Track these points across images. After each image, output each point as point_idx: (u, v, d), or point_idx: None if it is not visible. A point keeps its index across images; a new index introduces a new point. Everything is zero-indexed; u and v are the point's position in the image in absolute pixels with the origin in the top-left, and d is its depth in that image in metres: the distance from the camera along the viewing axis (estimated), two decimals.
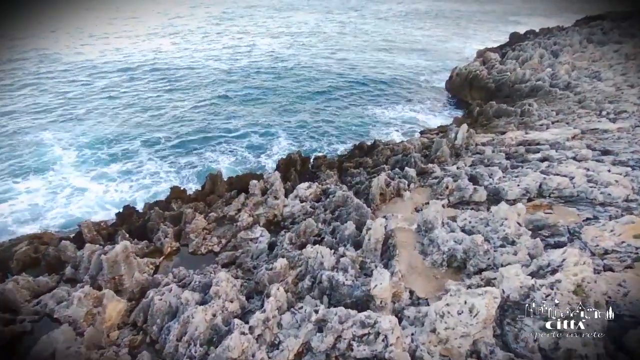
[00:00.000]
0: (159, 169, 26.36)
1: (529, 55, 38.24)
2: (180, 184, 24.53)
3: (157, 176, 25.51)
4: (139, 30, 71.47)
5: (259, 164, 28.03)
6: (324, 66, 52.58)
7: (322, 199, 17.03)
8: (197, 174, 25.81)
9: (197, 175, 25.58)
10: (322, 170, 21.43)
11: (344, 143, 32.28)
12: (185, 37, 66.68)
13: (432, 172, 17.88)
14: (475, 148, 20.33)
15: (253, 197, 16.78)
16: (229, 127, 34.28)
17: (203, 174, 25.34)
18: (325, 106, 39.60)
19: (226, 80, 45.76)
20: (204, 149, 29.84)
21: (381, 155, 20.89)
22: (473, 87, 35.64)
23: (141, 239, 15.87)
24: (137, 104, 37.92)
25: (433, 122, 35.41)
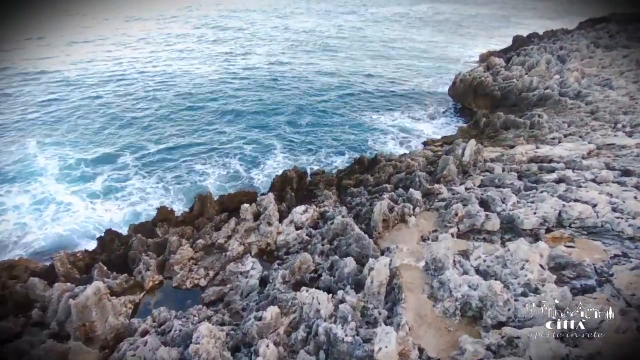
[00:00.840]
0: (146, 184, 25.12)
1: (535, 61, 37.13)
2: (168, 201, 23.38)
3: (144, 192, 24.26)
4: (129, 36, 70.28)
5: (252, 179, 26.79)
6: (321, 70, 51.45)
7: (320, 224, 15.83)
8: (185, 190, 24.57)
9: (185, 192, 24.35)
10: (320, 188, 20.23)
11: (342, 154, 31.18)
12: (176, 43, 65.42)
13: (439, 194, 16.68)
14: (484, 165, 19.15)
15: (244, 222, 15.57)
16: (222, 137, 33.06)
17: (192, 191, 24.19)
18: (322, 113, 38.45)
19: (219, 86, 44.56)
20: (194, 161, 28.59)
21: (383, 172, 19.69)
22: (477, 94, 34.51)
23: (122, 269, 14.66)
24: (125, 113, 36.65)
25: (435, 130, 34.28)
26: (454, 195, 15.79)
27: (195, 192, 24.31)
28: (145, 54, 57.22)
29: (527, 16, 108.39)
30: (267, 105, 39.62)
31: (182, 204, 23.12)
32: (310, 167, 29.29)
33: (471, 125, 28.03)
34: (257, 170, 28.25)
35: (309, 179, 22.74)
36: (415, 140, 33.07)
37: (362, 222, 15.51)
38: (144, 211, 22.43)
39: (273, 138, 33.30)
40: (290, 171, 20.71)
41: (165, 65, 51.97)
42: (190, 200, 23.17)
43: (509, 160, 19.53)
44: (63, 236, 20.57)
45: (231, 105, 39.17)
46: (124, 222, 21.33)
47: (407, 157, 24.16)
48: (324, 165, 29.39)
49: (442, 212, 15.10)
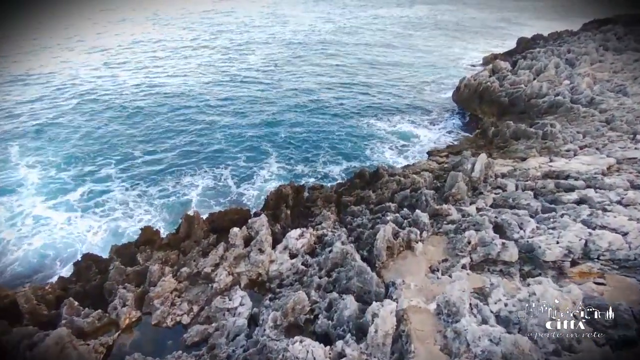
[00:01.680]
0: (129, 197, 23.79)
1: (543, 65, 35.88)
2: (152, 217, 22.06)
3: (127, 206, 22.92)
4: (118, 37, 69.04)
5: (244, 193, 25.42)
6: (317, 74, 50.15)
7: (318, 250, 14.48)
8: (170, 206, 23.26)
9: (170, 208, 23.04)
10: (317, 205, 18.91)
11: (339, 164, 29.94)
12: (169, 46, 64.10)
13: (447, 215, 15.35)
14: (496, 181, 17.84)
15: (234, 248, 14.22)
16: (213, 145, 31.77)
17: (178, 206, 23.01)
18: (318, 118, 37.17)
19: (212, 91, 43.24)
20: (182, 172, 27.31)
21: (386, 189, 18.37)
22: (483, 100, 33.25)
23: (97, 302, 13.34)
24: (112, 120, 35.34)
25: (438, 137, 32.96)
26: (464, 218, 14.47)
27: (182, 208, 23.15)
28: (136, 57, 55.84)
29: (528, 17, 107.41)
30: (262, 110, 38.32)
31: (167, 221, 21.83)
32: (306, 177, 28.11)
33: (478, 134, 26.73)
34: (249, 183, 26.95)
35: (306, 193, 21.46)
36: (415, 147, 31.83)
37: (363, 247, 14.19)
38: (126, 229, 21.13)
39: (267, 145, 32.04)
40: (285, 187, 19.39)
41: (157, 69, 50.65)
42: (176, 216, 21.97)
43: (522, 176, 18.21)
44: (39, 257, 19.24)
45: (224, 112, 37.88)
46: (105, 241, 20.02)
47: (411, 169, 22.89)
48: (321, 177, 28.22)
49: (451, 236, 13.79)
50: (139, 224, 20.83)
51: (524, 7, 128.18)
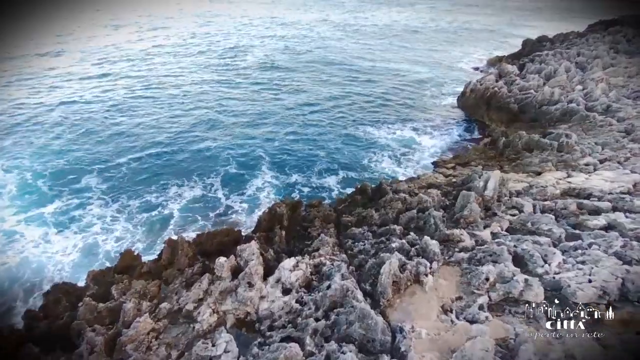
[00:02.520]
0: (108, 211, 22.33)
1: (553, 69, 34.55)
2: (132, 236, 20.56)
3: (105, 222, 21.43)
4: (107, 34, 67.71)
5: (234, 207, 23.97)
6: (314, 76, 48.77)
7: (314, 283, 13.01)
8: (153, 222, 21.85)
9: (152, 224, 21.63)
10: (315, 225, 17.46)
11: (336, 174, 28.61)
12: (163, 45, 62.78)
13: (459, 241, 13.89)
14: (510, 200, 16.39)
15: (220, 282, 12.75)
16: (204, 151, 30.45)
17: (161, 222, 21.56)
18: (314, 124, 35.85)
19: (203, 93, 41.85)
20: (168, 182, 25.96)
21: (390, 208, 16.91)
22: (491, 106, 31.87)
23: (65, 345, 11.87)
24: (99, 123, 33.92)
25: (442, 145, 31.59)
26: (479, 247, 13.02)
27: (165, 223, 21.74)
28: (126, 59, 54.41)
29: (530, 18, 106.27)
30: (255, 115, 37.00)
31: (149, 238, 20.40)
32: (301, 187, 26.77)
33: (488, 144, 25.28)
34: (240, 194, 25.59)
35: (303, 209, 20.04)
36: (416, 156, 30.51)
37: (366, 279, 12.71)
38: (104, 248, 19.63)
39: (261, 152, 30.68)
40: (280, 205, 17.95)
41: (149, 69, 49.27)
42: (158, 232, 20.75)
43: (540, 194, 16.77)
44: (6, 283, 17.70)
45: (216, 117, 36.42)
46: (79, 263, 18.52)
47: (416, 183, 21.48)
48: (317, 187, 26.90)
49: (465, 268, 12.34)
50: (118, 244, 19.43)
51: (522, 7, 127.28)
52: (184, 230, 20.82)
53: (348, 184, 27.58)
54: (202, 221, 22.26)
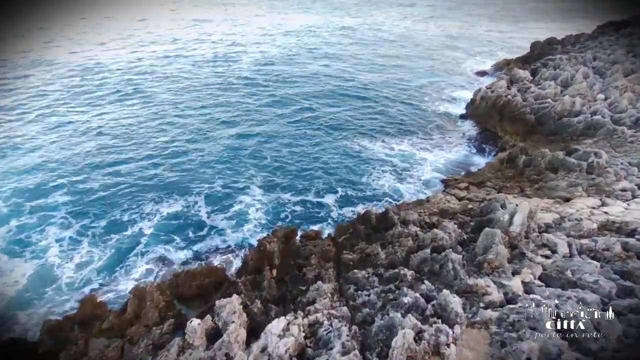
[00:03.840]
0: (69, 232, 20.02)
1: (570, 75, 32.37)
2: (94, 264, 18.24)
3: (65, 247, 19.05)
4: (104, 36, 65.51)
5: (221, 232, 21.65)
6: (308, 83, 46.36)
7: (309, 351, 10.70)
8: (119, 247, 19.52)
9: (118, 251, 19.27)
10: (311, 264, 15.16)
11: (334, 192, 26.44)
12: (156, 45, 60.59)
13: (485, 294, 11.62)
14: (540, 237, 14.14)
15: (192, 351, 10.42)
16: (188, 164, 28.33)
17: (129, 246, 19.31)
18: (309, 135, 33.65)
19: (189, 98, 39.58)
20: (144, 199, 23.89)
21: (399, 246, 14.63)
22: (504, 116, 29.66)
23: None
24: (74, 133, 31.69)
25: (448, 158, 29.34)
26: (512, 307, 10.73)
27: (134, 249, 19.41)
28: (119, 56, 52.09)
29: (532, 19, 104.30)
30: (246, 125, 34.76)
31: (114, 265, 18.12)
32: (295, 208, 24.47)
33: (504, 160, 23.00)
34: (225, 214, 23.22)
35: (298, 239, 17.81)
36: (421, 170, 28.24)
37: (373, 347, 10.43)
38: (60, 280, 17.25)
39: (250, 167, 28.46)
40: (270, 240, 15.65)
41: (139, 70, 46.95)
42: (123, 253, 18.31)
43: (574, 229, 14.51)
44: None
45: (202, 126, 34.13)
46: (29, 298, 16.12)
47: (427, 209, 19.22)
48: (313, 208, 24.62)
49: (495, 333, 10.07)
50: (78, 274, 17.16)
51: (523, 7, 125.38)
52: (156, 260, 18.50)
53: (347, 203, 25.39)
54: (178, 243, 19.97)
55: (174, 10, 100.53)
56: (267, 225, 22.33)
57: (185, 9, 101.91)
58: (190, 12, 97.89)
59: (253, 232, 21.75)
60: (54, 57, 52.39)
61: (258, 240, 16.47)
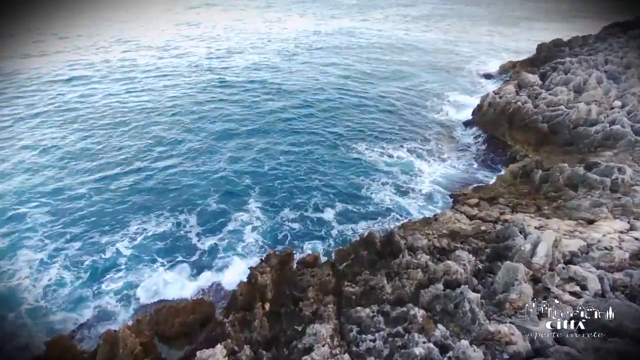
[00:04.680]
0: (40, 254, 18.50)
1: (582, 80, 30.92)
2: (66, 288, 16.76)
3: (34, 270, 17.56)
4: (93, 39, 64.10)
5: (211, 259, 20.06)
6: (305, 89, 44.75)
7: None
8: (93, 271, 18.06)
9: (92, 275, 17.74)
10: (308, 297, 13.65)
11: (333, 206, 25.05)
12: (142, 50, 59.06)
13: (509, 342, 10.11)
14: (567, 269, 12.62)
15: None
16: (180, 176, 26.93)
17: (106, 270, 17.91)
18: (308, 144, 32.18)
19: (180, 105, 38.07)
20: (131, 216, 22.41)
21: (407, 278, 13.11)
22: (514, 124, 28.17)
23: None
24: (59, 142, 30.33)
25: (453, 168, 27.90)
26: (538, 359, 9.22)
27: (112, 273, 17.95)
28: (102, 67, 50.52)
29: (534, 19, 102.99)
30: (243, 134, 33.24)
31: (89, 292, 16.63)
32: (292, 226, 23.02)
33: (518, 174, 21.48)
34: (220, 238, 21.68)
35: (294, 264, 16.33)
36: (424, 182, 26.80)
37: None
38: (27, 299, 15.79)
39: (247, 180, 27.05)
40: (262, 271, 14.14)
41: (124, 76, 45.41)
42: (98, 287, 16.83)
43: (604, 260, 13.01)
44: None
45: (195, 137, 32.51)
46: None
47: (435, 229, 17.73)
48: (311, 226, 23.27)
49: None
50: (43, 301, 15.65)
51: (522, 7, 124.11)
52: (135, 289, 16.99)
53: (347, 219, 23.94)
54: (164, 271, 18.46)
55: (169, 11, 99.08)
56: (264, 248, 20.91)
57: (181, 12, 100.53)
58: (184, 14, 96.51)
59: (248, 255, 20.31)
60: (34, 66, 50.76)
61: (250, 268, 14.93)
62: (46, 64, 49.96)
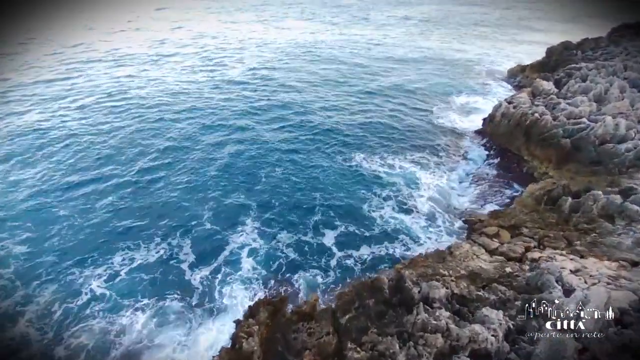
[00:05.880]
0: (7, 301, 16.32)
1: (603, 89, 28.57)
2: (35, 339, 14.55)
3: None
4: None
5: (201, 289, 17.87)
6: (307, 90, 42.57)
7: None
8: (66, 314, 15.76)
9: (63, 320, 15.49)
10: None
11: (333, 227, 22.91)
12: (129, 56, 56.74)
13: None
14: (621, 336, 10.24)
15: None
16: (169, 194, 24.66)
17: (78, 315, 15.57)
18: (306, 151, 30.03)
19: (173, 114, 35.74)
20: (118, 242, 20.38)
21: (424, 345, 10.78)
22: (532, 139, 25.79)
23: None
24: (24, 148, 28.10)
25: (466, 185, 25.54)
26: None
27: (83, 317, 15.65)
28: (90, 74, 48.23)
29: (536, 18, 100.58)
30: (240, 145, 30.83)
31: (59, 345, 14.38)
32: (289, 254, 20.81)
33: (542, 199, 19.07)
34: (214, 269, 19.51)
35: (290, 315, 14.05)
36: (431, 199, 24.54)
37: None
38: None
39: (244, 198, 24.92)
40: (250, 329, 11.78)
41: (110, 86, 42.96)
42: (67, 336, 14.56)
43: None
44: None
45: (188, 146, 30.25)
46: None
47: (451, 268, 15.40)
48: (310, 254, 20.99)
49: None
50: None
51: (522, 7, 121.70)
52: (110, 347, 14.63)
53: (348, 244, 21.69)
54: (146, 318, 16.12)
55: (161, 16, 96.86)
56: (259, 281, 18.71)
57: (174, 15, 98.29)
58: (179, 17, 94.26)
59: (246, 288, 18.20)
60: None
61: (235, 323, 12.60)
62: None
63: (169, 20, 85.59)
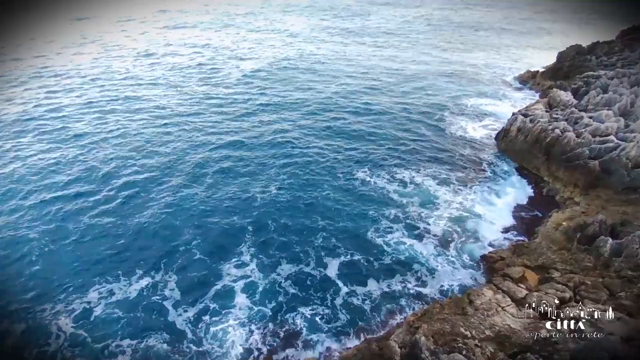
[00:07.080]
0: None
1: (629, 102, 26.07)
2: None
3: None
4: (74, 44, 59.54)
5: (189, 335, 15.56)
6: (307, 102, 39.86)
7: None
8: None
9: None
10: None
11: (337, 254, 20.80)
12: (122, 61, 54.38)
13: None
14: None
15: None
16: (156, 216, 22.49)
17: None
18: (306, 169, 27.66)
19: (163, 126, 33.34)
20: (109, 272, 18.28)
21: None
22: (553, 158, 23.25)
23: None
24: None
25: (477, 211, 23.05)
26: None
27: None
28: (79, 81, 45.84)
29: (541, 19, 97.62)
30: (237, 163, 28.30)
31: None
32: (290, 290, 18.62)
33: (575, 238, 16.55)
34: (201, 310, 17.27)
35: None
36: (442, 222, 22.16)
37: None
38: None
39: (240, 223, 22.55)
40: None
41: (102, 94, 40.59)
42: None
43: None
44: None
45: (177, 162, 27.85)
46: None
47: (473, 330, 13.02)
48: (313, 290, 18.92)
49: None
50: None
51: (523, 7, 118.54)
52: None
53: (354, 279, 19.32)
54: None
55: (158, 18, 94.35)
56: (255, 321, 16.45)
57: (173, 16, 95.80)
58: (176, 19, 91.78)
59: (238, 332, 15.94)
60: None
61: None
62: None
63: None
